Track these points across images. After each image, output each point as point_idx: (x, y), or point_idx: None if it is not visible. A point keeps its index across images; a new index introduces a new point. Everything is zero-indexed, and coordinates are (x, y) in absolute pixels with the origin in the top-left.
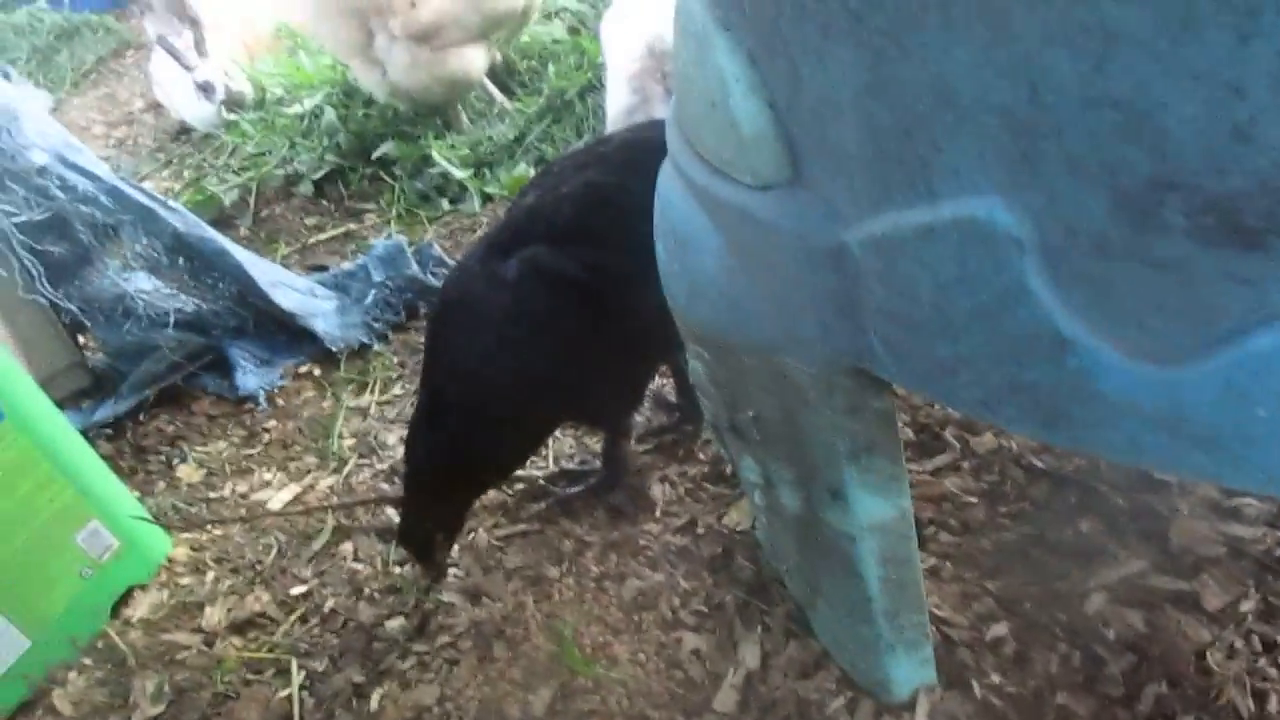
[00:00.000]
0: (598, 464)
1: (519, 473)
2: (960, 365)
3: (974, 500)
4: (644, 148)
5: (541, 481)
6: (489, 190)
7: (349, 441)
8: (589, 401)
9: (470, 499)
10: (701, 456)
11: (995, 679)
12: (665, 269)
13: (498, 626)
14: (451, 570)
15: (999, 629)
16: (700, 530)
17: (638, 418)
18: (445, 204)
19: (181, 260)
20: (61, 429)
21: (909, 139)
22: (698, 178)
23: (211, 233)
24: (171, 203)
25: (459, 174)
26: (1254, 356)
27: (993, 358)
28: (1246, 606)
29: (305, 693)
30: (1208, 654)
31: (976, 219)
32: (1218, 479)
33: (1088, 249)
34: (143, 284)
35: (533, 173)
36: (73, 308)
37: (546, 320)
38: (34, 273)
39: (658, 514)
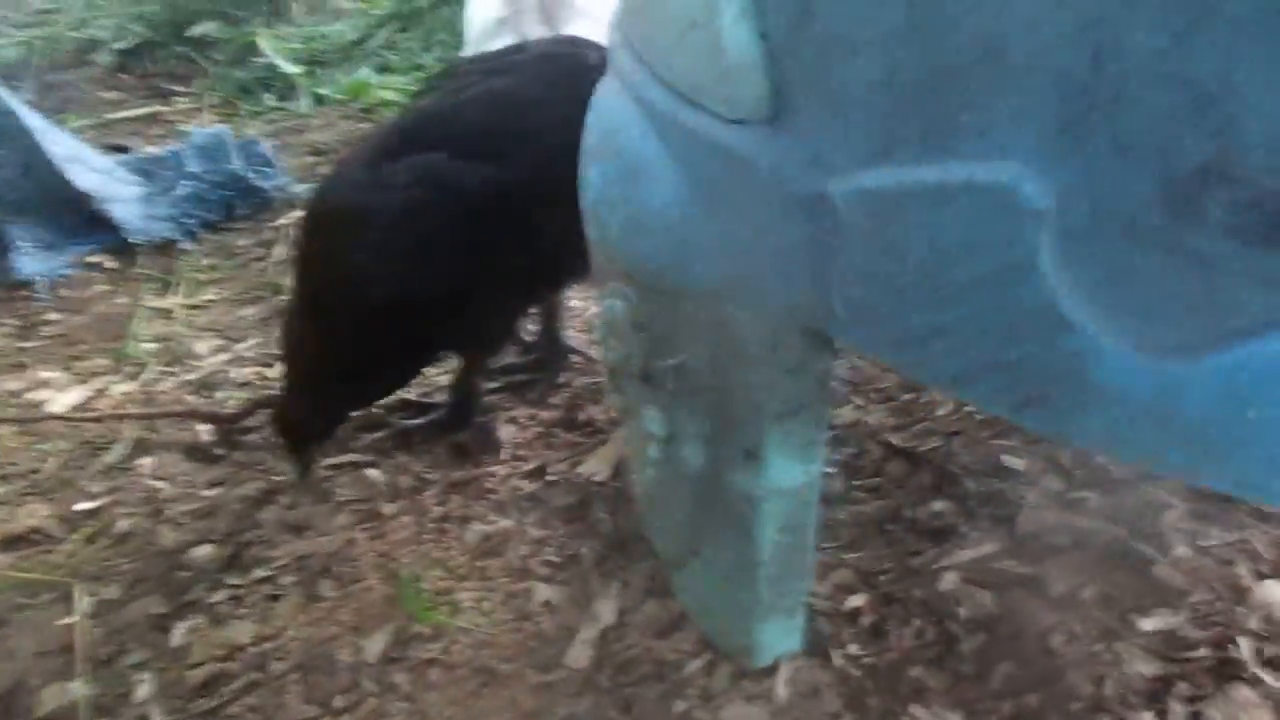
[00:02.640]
0: (440, 397)
1: None
2: (936, 336)
3: (831, 471)
4: (563, 63)
5: (377, 410)
6: (321, 91)
7: (149, 346)
8: (463, 325)
9: (345, 405)
10: (554, 401)
11: (853, 649)
12: (599, 196)
13: (324, 563)
14: (270, 496)
15: (856, 600)
16: (552, 477)
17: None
18: (269, 99)
19: None
20: None
21: (936, 91)
22: (658, 103)
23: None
24: None
25: (289, 69)
26: (1260, 358)
27: (979, 332)
28: (1087, 594)
29: (92, 621)
30: (1051, 637)
31: (997, 185)
32: (1192, 476)
33: (1113, 231)
34: None
35: (375, 78)
36: None
37: (433, 232)
38: None
39: (505, 456)
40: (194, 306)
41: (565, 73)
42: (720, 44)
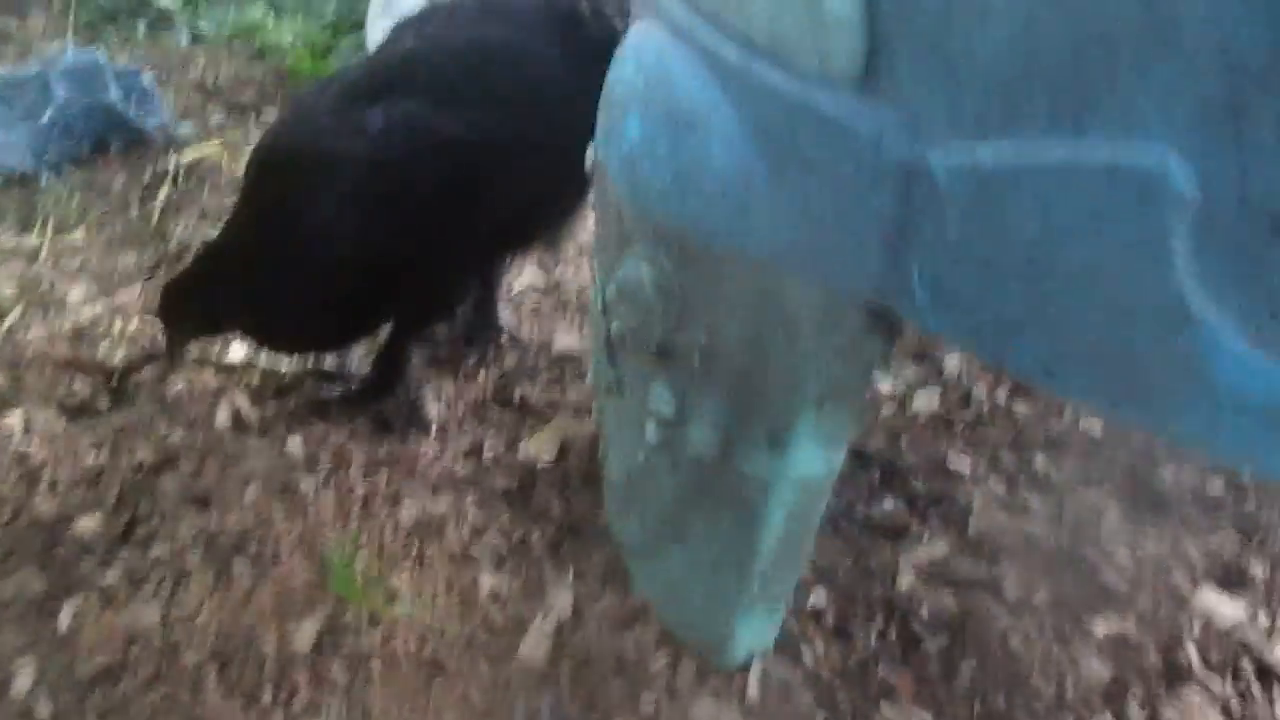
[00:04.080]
0: (355, 368)
1: (261, 364)
2: (1032, 323)
3: None
4: (559, 10)
5: (287, 377)
6: (202, 27)
7: (10, 290)
8: (418, 286)
9: (255, 333)
10: (480, 378)
11: (820, 648)
12: (637, 149)
13: (236, 541)
14: (167, 463)
15: (818, 598)
16: (488, 457)
17: None
18: (141, 28)
19: None
20: None
21: (1077, 59)
22: (722, 53)
23: None
24: None
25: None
26: None
27: (1083, 321)
28: (1040, 597)
29: None
30: (1010, 638)
31: (1139, 168)
32: None
33: (1259, 227)
34: None
35: (272, 20)
36: None
37: (405, 183)
38: None
39: (433, 433)
40: (62, 249)
41: (562, 23)
42: None
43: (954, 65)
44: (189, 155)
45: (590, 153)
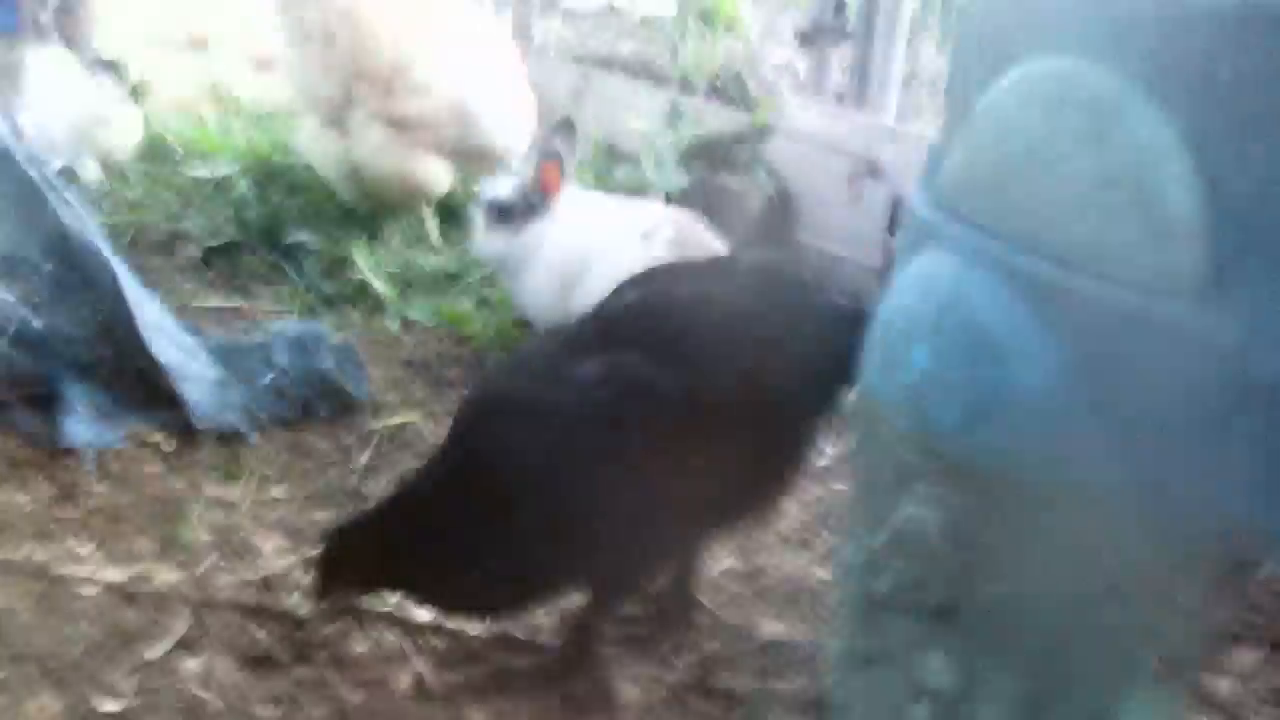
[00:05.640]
0: (542, 639)
1: (448, 626)
2: None
3: None
4: (779, 277)
5: (474, 642)
6: (410, 315)
7: (206, 537)
8: (616, 552)
9: (428, 593)
10: (679, 663)
11: None
12: (928, 379)
13: None
14: None
15: None
16: None
17: None
18: (355, 315)
19: (52, 266)
20: None
21: None
22: (1038, 273)
23: (103, 243)
24: (68, 194)
25: (382, 287)
26: None
27: None
28: None
29: None
30: None
31: None
32: None
33: None
34: None
35: (477, 311)
36: None
37: (611, 439)
38: None
39: (627, 719)
40: (261, 502)
41: (779, 286)
42: (1157, 203)
43: None
44: (391, 421)
45: (850, 397)
